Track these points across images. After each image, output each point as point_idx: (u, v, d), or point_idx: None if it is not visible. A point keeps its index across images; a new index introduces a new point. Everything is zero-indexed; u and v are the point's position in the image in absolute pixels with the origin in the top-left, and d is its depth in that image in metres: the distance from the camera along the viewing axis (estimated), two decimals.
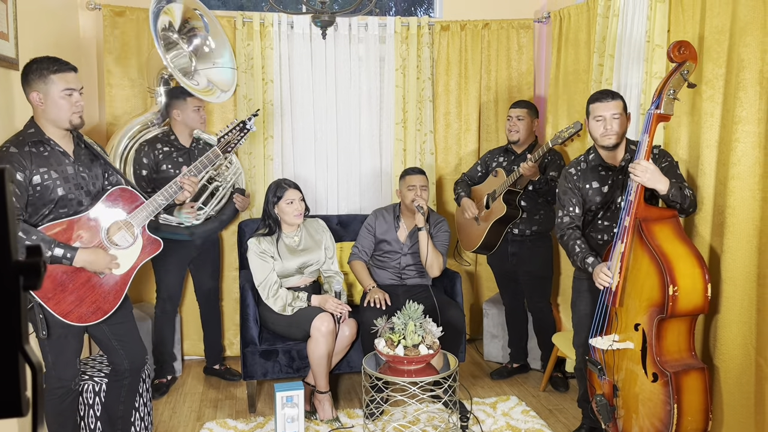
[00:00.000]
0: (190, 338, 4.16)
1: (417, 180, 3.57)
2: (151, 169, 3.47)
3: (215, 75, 3.63)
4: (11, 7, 2.69)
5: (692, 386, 2.39)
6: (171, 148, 3.52)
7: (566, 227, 2.82)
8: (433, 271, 3.58)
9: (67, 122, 2.38)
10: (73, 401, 2.57)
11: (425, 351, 2.89)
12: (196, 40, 3.58)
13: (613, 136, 2.67)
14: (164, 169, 3.46)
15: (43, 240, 2.29)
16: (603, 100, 2.68)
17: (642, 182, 2.43)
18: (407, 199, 3.57)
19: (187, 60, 3.58)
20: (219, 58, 3.62)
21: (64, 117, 2.37)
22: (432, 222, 3.68)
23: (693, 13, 2.77)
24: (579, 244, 2.75)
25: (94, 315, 2.45)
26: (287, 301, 3.30)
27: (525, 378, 3.92)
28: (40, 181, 2.33)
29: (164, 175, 3.44)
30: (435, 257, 3.54)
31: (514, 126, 3.72)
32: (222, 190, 3.61)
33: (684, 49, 2.43)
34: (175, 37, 3.51)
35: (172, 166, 3.47)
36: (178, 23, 3.47)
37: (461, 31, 4.30)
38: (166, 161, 3.48)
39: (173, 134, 3.55)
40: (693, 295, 2.36)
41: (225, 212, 3.65)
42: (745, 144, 2.46)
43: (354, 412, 3.42)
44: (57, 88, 2.33)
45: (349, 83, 4.21)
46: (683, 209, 2.54)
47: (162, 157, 3.49)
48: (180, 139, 3.55)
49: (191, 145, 3.58)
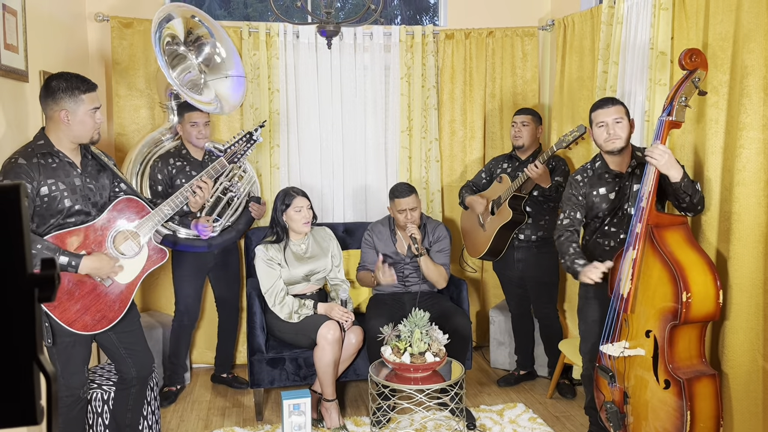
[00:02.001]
0: (198, 347, 4.17)
1: (406, 204, 3.48)
2: (166, 184, 3.50)
3: (225, 87, 3.65)
4: (20, 19, 2.72)
5: (704, 393, 2.39)
6: (184, 162, 3.55)
7: (565, 229, 2.84)
8: (438, 285, 3.59)
9: (88, 139, 2.45)
10: (82, 410, 2.59)
11: (432, 358, 2.89)
12: (206, 48, 3.59)
13: (618, 140, 2.69)
14: (179, 183, 3.49)
15: (47, 248, 2.31)
16: (604, 107, 2.72)
17: (659, 165, 2.42)
18: (399, 220, 3.55)
19: (196, 73, 3.60)
20: (231, 69, 3.64)
21: (86, 134, 2.42)
22: (429, 230, 3.67)
23: (697, 20, 2.78)
24: (574, 246, 2.76)
25: (99, 324, 2.47)
26: (293, 309, 3.31)
27: (532, 385, 3.91)
28: (47, 192, 2.36)
29: (178, 189, 3.47)
30: (437, 273, 3.55)
31: (518, 132, 3.74)
32: (237, 200, 3.65)
33: (696, 56, 2.45)
34: (183, 50, 3.53)
35: (186, 180, 3.49)
36: (182, 35, 3.49)
37: (466, 39, 4.32)
38: (179, 175, 3.52)
39: (185, 148, 3.59)
40: (706, 301, 2.37)
41: (241, 221, 3.69)
42: (749, 150, 2.46)
43: (361, 419, 3.42)
44: (85, 108, 2.38)
45: (354, 92, 4.24)
46: (693, 204, 2.53)
47: (176, 171, 3.52)
48: (192, 153, 3.59)
49: (204, 158, 3.61)
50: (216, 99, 3.58)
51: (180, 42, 3.51)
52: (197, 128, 3.52)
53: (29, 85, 2.83)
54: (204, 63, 3.61)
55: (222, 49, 3.61)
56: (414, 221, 3.50)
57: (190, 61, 3.57)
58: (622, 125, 2.70)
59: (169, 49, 3.42)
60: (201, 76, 3.60)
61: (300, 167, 4.22)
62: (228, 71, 3.62)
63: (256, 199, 3.78)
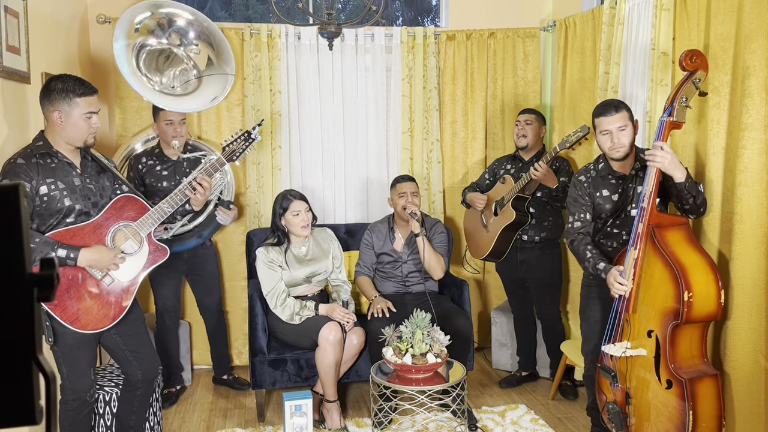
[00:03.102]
0: (198, 348, 4.18)
1: (407, 187, 3.58)
2: (136, 183, 3.49)
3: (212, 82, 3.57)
4: (23, 21, 2.73)
5: (706, 393, 2.39)
6: (155, 161, 3.53)
7: (576, 232, 2.83)
8: (435, 273, 3.58)
9: (82, 142, 2.44)
10: (89, 413, 2.59)
11: (433, 359, 2.89)
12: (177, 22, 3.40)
13: (622, 148, 2.68)
14: (148, 183, 3.48)
15: (45, 242, 2.31)
16: (607, 114, 2.67)
17: (662, 166, 2.42)
18: (398, 206, 3.58)
19: (190, 69, 3.54)
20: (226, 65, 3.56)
21: (80, 137, 2.42)
22: (428, 226, 3.69)
23: (698, 20, 2.78)
24: (590, 249, 2.75)
25: (101, 323, 2.47)
26: (295, 310, 3.31)
27: (534, 386, 3.91)
28: (46, 192, 2.36)
29: (150, 189, 3.46)
30: (436, 259, 3.55)
31: (522, 130, 3.74)
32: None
33: (696, 57, 2.45)
34: (165, 42, 3.42)
35: (155, 180, 3.48)
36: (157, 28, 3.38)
37: (467, 40, 4.32)
38: (148, 175, 3.50)
39: (158, 147, 3.57)
40: (707, 301, 2.37)
41: (207, 226, 3.57)
42: (751, 151, 2.46)
43: (362, 421, 3.42)
44: (79, 111, 2.38)
45: (355, 93, 4.24)
46: (695, 206, 2.53)
47: (145, 171, 3.50)
48: (165, 152, 3.55)
49: (178, 158, 3.56)
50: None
51: (161, 35, 3.40)
52: (172, 126, 3.46)
53: (31, 87, 2.84)
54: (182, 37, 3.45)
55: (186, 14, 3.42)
56: (415, 205, 3.51)
57: (181, 58, 3.50)
58: (626, 132, 2.67)
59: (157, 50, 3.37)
60: (193, 72, 3.55)
61: (302, 168, 4.22)
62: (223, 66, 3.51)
63: (226, 203, 3.65)
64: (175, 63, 3.50)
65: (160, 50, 3.44)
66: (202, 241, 3.61)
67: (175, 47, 3.46)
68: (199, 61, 3.54)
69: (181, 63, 3.50)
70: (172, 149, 3.52)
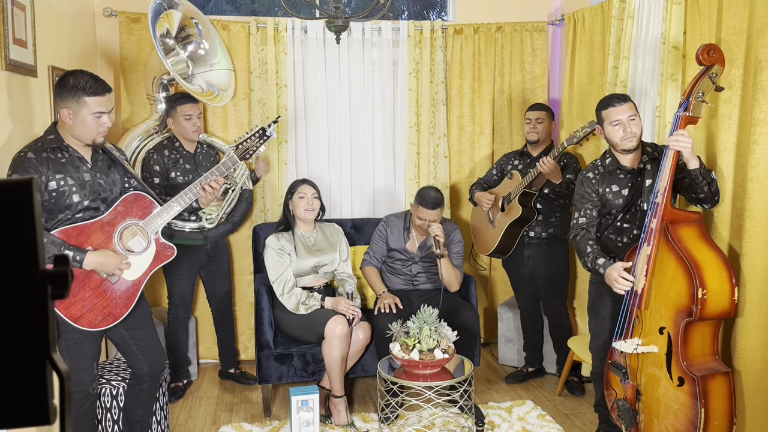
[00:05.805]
0: (204, 342, 4.18)
1: (428, 215, 3.41)
2: (162, 176, 3.50)
3: (214, 77, 3.67)
4: (29, 14, 2.72)
5: (718, 390, 2.37)
6: (177, 155, 3.55)
7: (580, 228, 2.81)
8: (452, 287, 3.55)
9: (90, 140, 2.40)
10: (91, 405, 2.59)
11: (440, 355, 2.88)
12: (190, 46, 3.66)
13: (633, 138, 2.66)
14: (173, 176, 3.50)
15: (52, 242, 2.30)
16: (616, 104, 2.66)
17: (687, 150, 2.39)
18: (417, 221, 3.49)
19: (184, 66, 3.63)
20: (213, 58, 3.68)
21: (88, 136, 2.39)
22: (446, 231, 3.64)
23: (710, 14, 2.75)
24: (591, 245, 2.73)
25: (105, 320, 2.46)
26: (301, 299, 3.31)
27: (540, 382, 3.89)
28: (56, 187, 2.35)
29: (173, 182, 3.47)
30: (455, 275, 3.52)
31: (533, 128, 3.72)
32: (231, 193, 3.63)
33: (713, 52, 2.42)
34: (172, 42, 3.57)
35: (181, 174, 3.51)
36: (175, 30, 3.55)
37: (474, 34, 4.29)
38: (174, 169, 3.52)
39: (177, 141, 3.58)
40: (721, 298, 2.35)
41: (236, 214, 3.67)
42: (763, 146, 2.43)
43: (369, 416, 3.42)
44: (88, 110, 2.34)
45: (362, 87, 4.22)
46: (710, 193, 2.50)
47: (171, 164, 3.52)
48: (185, 146, 3.58)
49: (196, 151, 3.61)
50: (210, 86, 3.60)
51: (171, 36, 3.54)
52: (192, 121, 3.50)
53: (38, 80, 2.83)
54: (190, 57, 3.65)
55: (206, 44, 3.65)
56: (435, 226, 3.43)
57: (178, 54, 3.60)
58: (636, 122, 2.66)
59: (162, 40, 3.44)
60: (188, 68, 3.63)
61: (308, 163, 4.20)
62: (212, 61, 3.67)
63: (249, 192, 3.75)
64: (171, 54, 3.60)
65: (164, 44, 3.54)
66: (234, 229, 3.72)
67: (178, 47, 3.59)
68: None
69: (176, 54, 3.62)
70: (191, 143, 3.58)
